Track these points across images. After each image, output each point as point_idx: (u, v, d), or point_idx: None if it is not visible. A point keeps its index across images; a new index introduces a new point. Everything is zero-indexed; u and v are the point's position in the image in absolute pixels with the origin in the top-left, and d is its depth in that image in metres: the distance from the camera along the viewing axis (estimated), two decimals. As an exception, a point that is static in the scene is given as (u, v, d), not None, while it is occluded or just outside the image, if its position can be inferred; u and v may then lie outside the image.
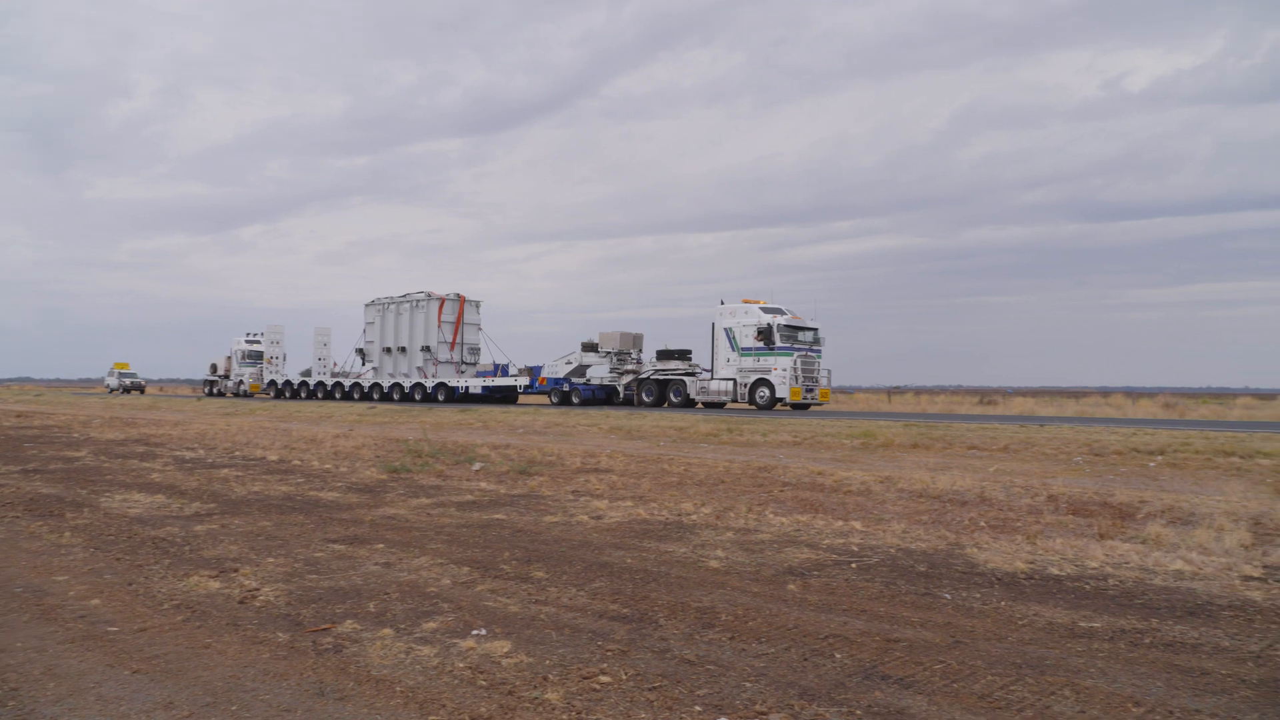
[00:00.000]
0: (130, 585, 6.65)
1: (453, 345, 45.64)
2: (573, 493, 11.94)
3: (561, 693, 4.36)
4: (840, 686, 4.48)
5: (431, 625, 5.54)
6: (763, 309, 34.25)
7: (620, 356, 40.02)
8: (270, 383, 53.74)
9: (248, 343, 57.96)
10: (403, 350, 46.17)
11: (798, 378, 32.69)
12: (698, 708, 4.19)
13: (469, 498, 11.53)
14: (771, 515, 9.92)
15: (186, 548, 8.06)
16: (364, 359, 48.59)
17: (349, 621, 5.62)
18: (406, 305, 46.40)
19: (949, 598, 6.40)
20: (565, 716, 4.09)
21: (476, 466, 14.84)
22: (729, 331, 34.81)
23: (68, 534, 8.71)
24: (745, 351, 34.11)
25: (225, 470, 14.77)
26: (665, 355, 37.75)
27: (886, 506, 10.54)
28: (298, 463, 16.15)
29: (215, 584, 6.64)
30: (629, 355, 40.44)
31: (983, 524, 9.40)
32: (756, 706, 4.20)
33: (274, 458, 17.03)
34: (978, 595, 6.48)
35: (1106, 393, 58.13)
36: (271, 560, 7.50)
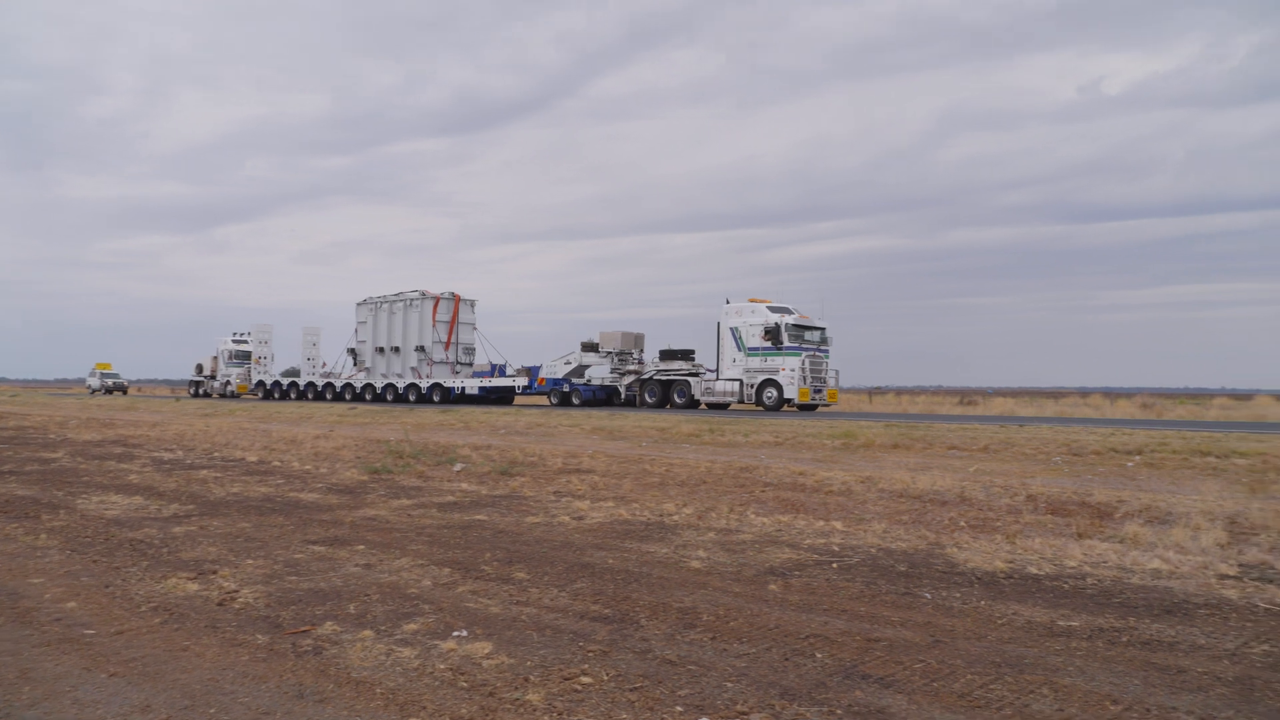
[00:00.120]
0: (107, 587, 6.59)
1: (447, 345, 44.95)
2: (554, 493, 11.92)
3: (543, 694, 4.36)
4: (821, 686, 4.50)
5: (412, 627, 5.52)
6: (770, 308, 33.61)
7: (621, 356, 39.43)
8: (259, 383, 52.92)
9: (234, 342, 57.17)
10: (396, 350, 45.53)
11: (806, 378, 32.22)
12: (679, 708, 4.19)
13: (450, 499, 11.49)
14: (753, 515, 9.94)
15: (164, 550, 7.99)
16: (356, 359, 47.79)
17: (329, 623, 5.59)
18: (400, 304, 45.69)
19: (929, 597, 6.43)
20: (546, 717, 4.08)
21: (458, 467, 14.80)
22: (735, 331, 34.16)
23: (44, 536, 8.62)
24: (752, 351, 33.53)
25: (204, 471, 14.66)
26: (668, 355, 37.11)
27: (867, 506, 10.58)
28: (277, 464, 16.05)
29: (193, 586, 6.59)
30: (630, 355, 39.78)
31: (963, 524, 9.45)
32: (738, 706, 4.21)
33: (253, 459, 16.92)
34: (958, 595, 6.52)
35: (1085, 393, 58.57)
36: (251, 562, 7.45)
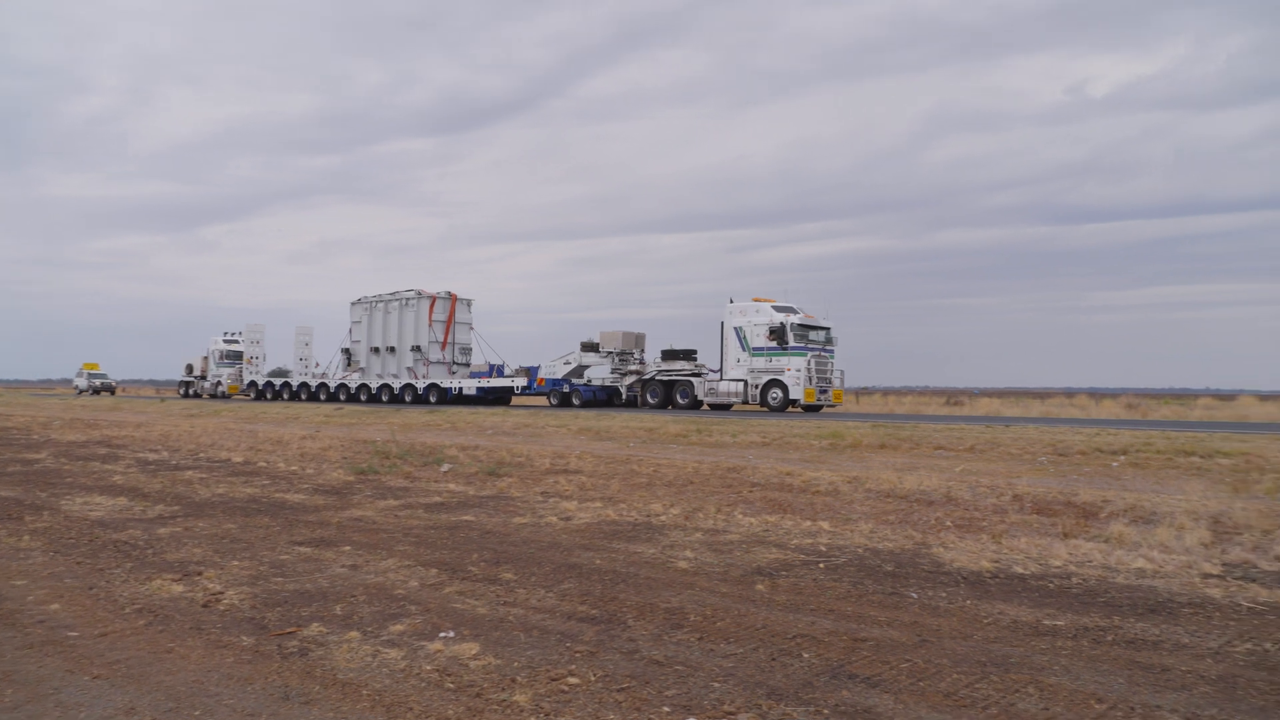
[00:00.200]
0: (91, 589, 6.54)
1: (444, 345, 44.20)
2: (542, 494, 11.91)
3: (530, 694, 4.35)
4: (808, 686, 4.50)
5: (399, 628, 5.51)
6: (774, 307, 33.05)
7: (622, 357, 38.63)
8: (251, 384, 52.04)
9: (225, 342, 56.36)
10: (391, 350, 44.82)
11: (811, 378, 31.70)
12: (666, 708, 4.19)
13: (437, 499, 11.47)
14: (740, 516, 9.95)
15: (149, 551, 7.94)
16: (350, 359, 47.07)
17: (315, 624, 5.57)
18: (395, 304, 44.97)
19: (915, 597, 6.45)
20: (533, 718, 4.08)
21: (445, 468, 14.77)
22: (739, 331, 33.51)
23: (26, 537, 8.56)
24: (757, 351, 32.93)
25: (189, 472, 14.58)
26: (670, 355, 36.55)
27: (854, 507, 10.60)
28: (263, 464, 15.98)
29: (178, 587, 6.56)
30: (631, 355, 38.94)
31: (949, 524, 9.48)
32: (725, 707, 4.21)
33: (239, 459, 16.83)
34: (944, 594, 6.54)
35: (1071, 393, 58.82)
36: (236, 563, 7.41)
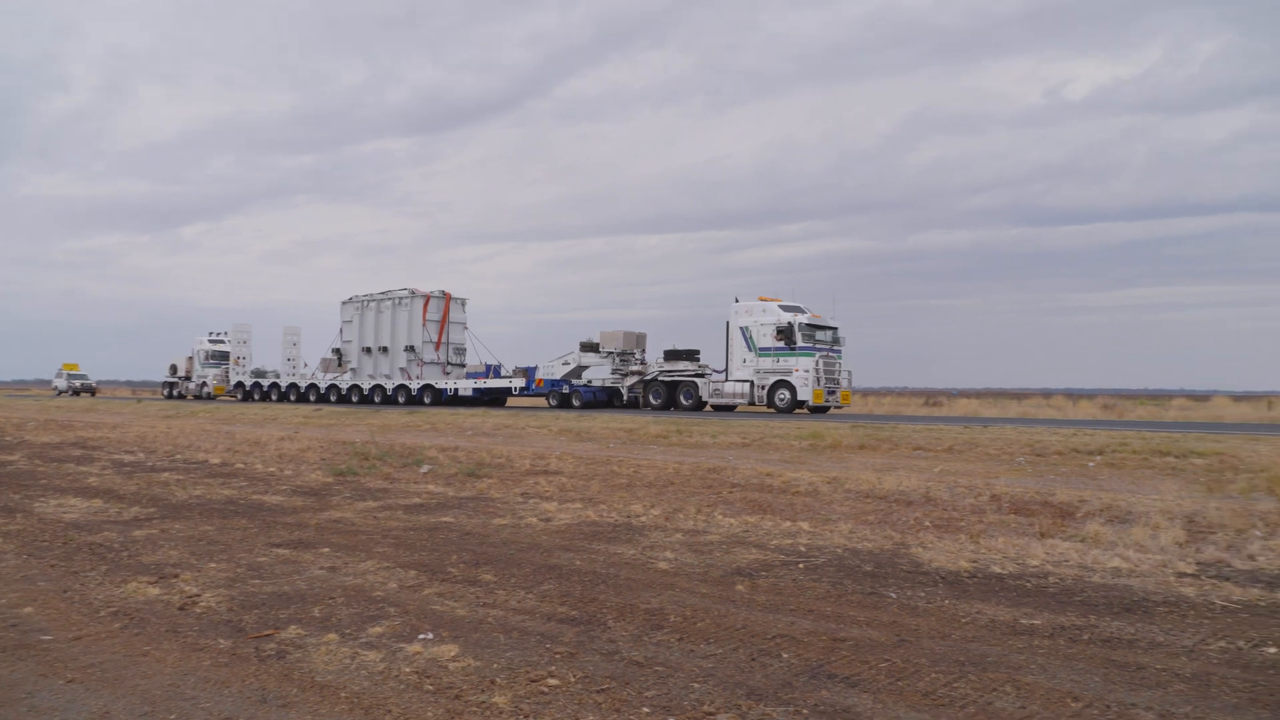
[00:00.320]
0: (65, 592, 6.48)
1: (438, 345, 43.59)
2: (522, 495, 11.89)
3: (509, 696, 4.34)
4: (787, 686, 4.52)
5: (378, 630, 5.48)
6: (781, 307, 32.69)
7: (623, 357, 37.99)
8: (238, 384, 51.04)
9: (211, 342, 55.42)
10: (384, 350, 44.22)
11: (819, 379, 31.29)
12: (646, 709, 4.19)
13: (416, 500, 11.42)
14: (720, 516, 9.97)
15: (125, 553, 7.87)
16: (341, 359, 46.41)
17: (293, 627, 5.53)
18: (388, 303, 44.32)
19: (894, 597, 6.48)
20: (513, 720, 4.07)
21: (424, 469, 14.71)
22: (745, 330, 32.99)
23: None
24: (763, 352, 32.40)
25: (166, 474, 14.46)
26: (673, 355, 36.02)
27: (834, 507, 10.64)
28: (241, 466, 15.86)
29: (154, 590, 6.50)
30: (632, 356, 38.26)
31: (928, 524, 9.53)
32: (704, 707, 4.22)
33: (216, 461, 16.71)
34: (922, 594, 6.57)
35: (1048, 394, 59.30)
36: (213, 565, 7.36)
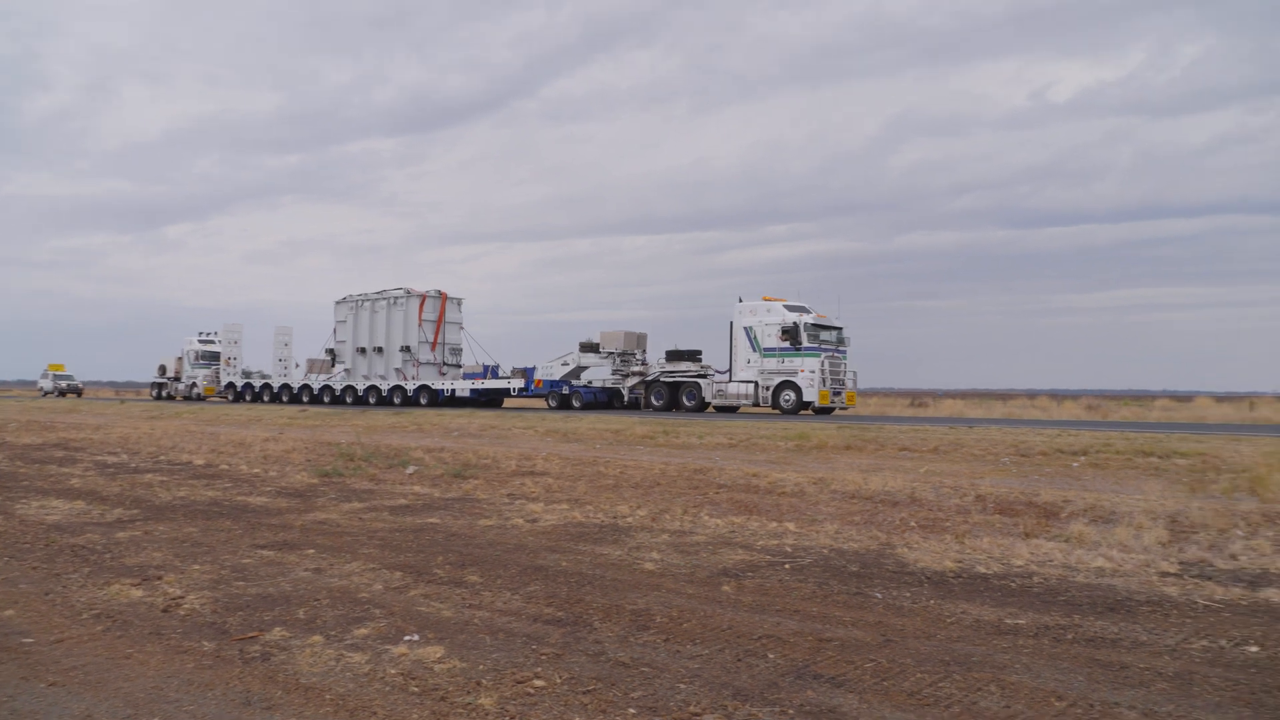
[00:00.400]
0: (47, 595, 6.43)
1: (434, 345, 42.96)
2: (508, 496, 11.86)
3: (495, 698, 4.33)
4: (773, 686, 4.52)
5: (363, 631, 5.46)
6: (787, 307, 32.23)
7: (624, 357, 37.46)
8: (229, 385, 50.26)
9: (201, 342, 54.64)
10: (379, 350, 43.56)
11: (825, 380, 30.82)
12: (632, 710, 4.19)
13: (402, 502, 11.39)
14: (707, 517, 9.98)
15: (107, 555, 7.82)
16: (335, 360, 45.69)
17: (277, 629, 5.51)
18: (383, 303, 43.66)
19: (880, 597, 6.50)
20: (499, 722, 4.06)
21: (410, 470, 14.67)
22: (749, 331, 32.46)
23: (-19, 542, 8.39)
24: (768, 352, 31.93)
25: (149, 475, 14.37)
26: (675, 356, 35.58)
27: (820, 507, 10.67)
28: (225, 467, 15.78)
29: (137, 592, 6.46)
30: (633, 356, 37.68)
31: (913, 524, 9.56)
32: (690, 708, 4.22)
33: (200, 462, 16.62)
34: (908, 594, 6.60)
35: (1033, 395, 59.58)
36: (197, 567, 7.32)
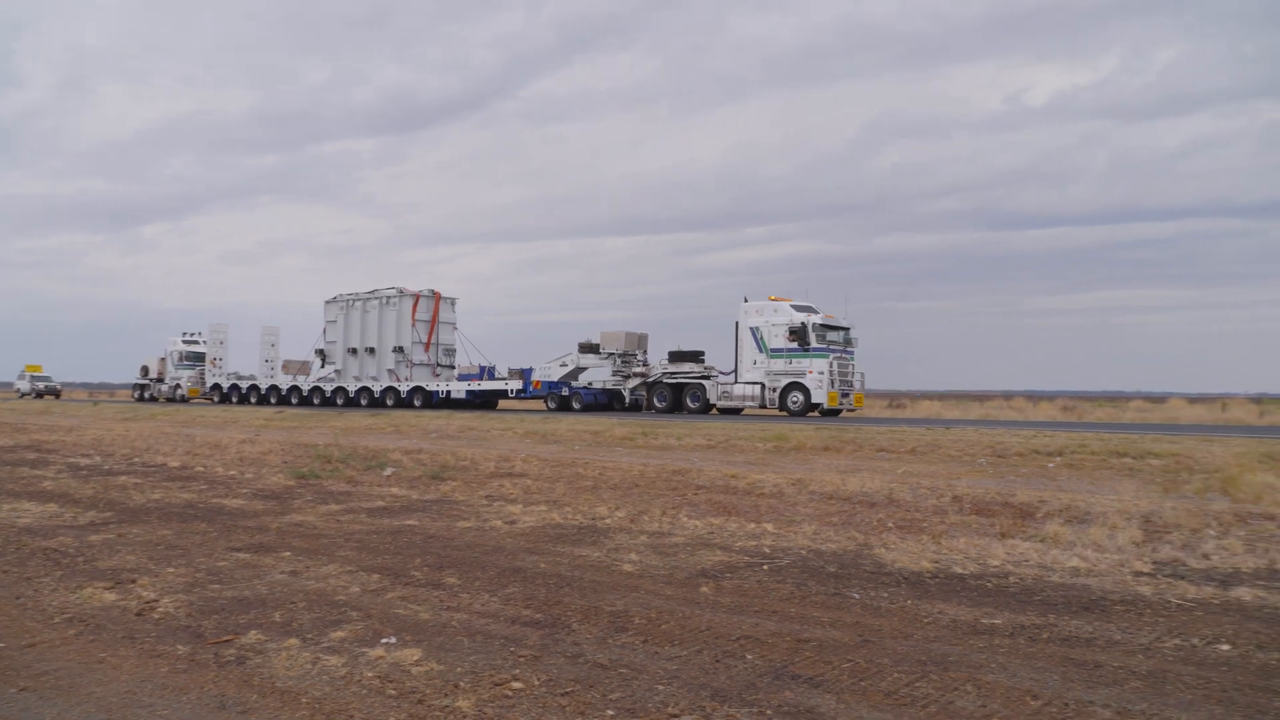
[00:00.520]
0: (18, 599, 6.35)
1: (427, 346, 42.22)
2: (486, 497, 11.83)
3: (473, 700, 4.32)
4: (751, 687, 4.53)
5: (340, 634, 5.43)
6: (794, 306, 31.61)
7: (624, 358, 36.82)
8: (214, 386, 49.14)
9: (185, 343, 53.67)
10: (370, 351, 42.83)
11: (834, 381, 30.29)
12: (610, 712, 4.19)
13: (380, 504, 11.33)
14: (685, 518, 9.98)
15: (80, 558, 7.74)
16: (325, 361, 44.80)
17: (253, 632, 5.47)
18: (375, 302, 42.95)
19: (858, 597, 6.53)
20: (476, 724, 4.04)
21: (388, 472, 14.60)
22: (755, 331, 31.90)
23: (-50, 546, 8.28)
24: (775, 353, 31.36)
25: (123, 477, 14.23)
26: (678, 357, 34.95)
27: (798, 508, 10.70)
28: (201, 469, 15.65)
29: (111, 596, 6.39)
30: (634, 357, 37.04)
31: (891, 525, 9.61)
32: (669, 709, 4.22)
33: (175, 464, 16.47)
34: (885, 595, 6.63)
35: (1010, 396, 59.88)
36: (172, 570, 7.25)
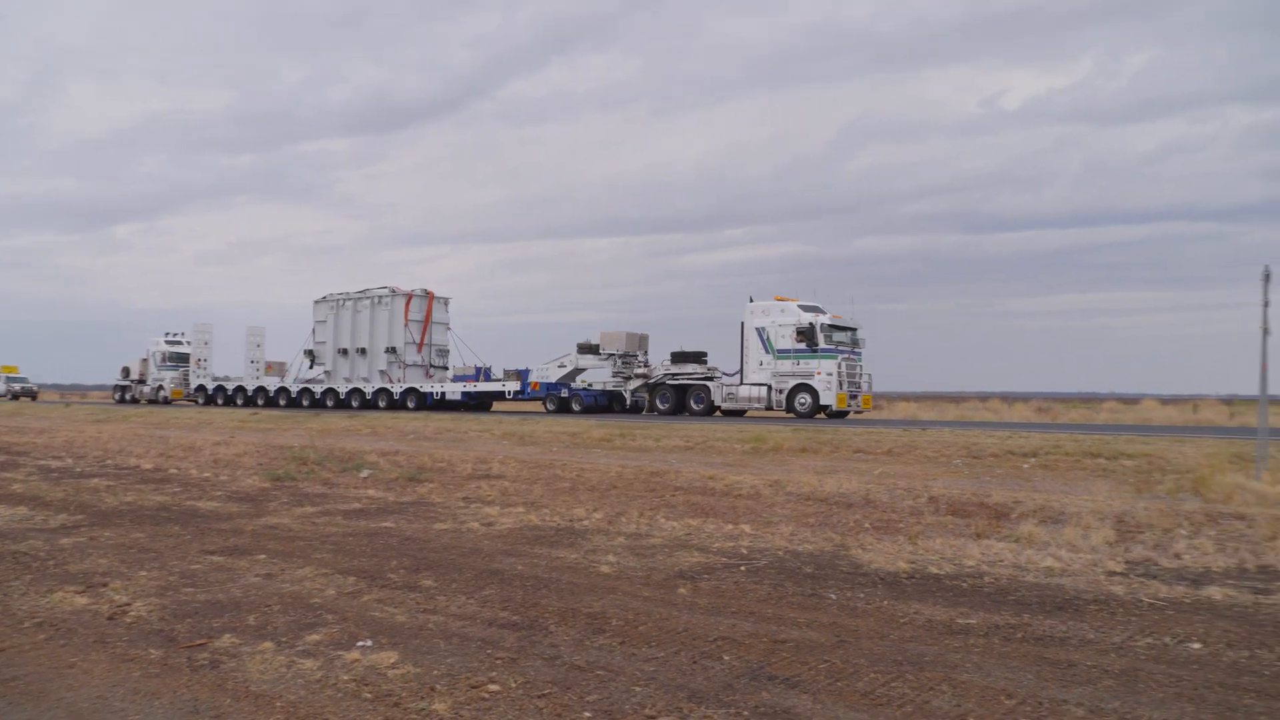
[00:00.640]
0: (-13, 603, 6.27)
1: (420, 346, 41.55)
2: (464, 499, 11.79)
3: (449, 703, 4.30)
4: (728, 688, 4.54)
5: (315, 637, 5.39)
6: (800, 306, 31.10)
7: (625, 359, 36.30)
8: (199, 388, 48.22)
9: (168, 343, 52.58)
10: (362, 352, 42.15)
11: (842, 382, 29.81)
12: (587, 714, 4.18)
13: (356, 506, 11.27)
14: (663, 520, 9.99)
15: (51, 562, 7.64)
16: (314, 361, 44.11)
17: (227, 636, 5.42)
18: (366, 302, 42.27)
19: (834, 598, 6.56)
20: (453, 727, 4.03)
21: (364, 474, 14.52)
22: (761, 331, 31.27)
23: (-83, 549, 8.16)
24: (782, 354, 30.77)
25: (95, 480, 14.07)
26: (680, 358, 34.32)
27: (775, 510, 10.73)
28: (174, 471, 15.51)
29: (82, 600, 6.32)
30: (635, 358, 36.51)
31: (867, 525, 9.66)
32: (646, 710, 4.22)
33: (149, 466, 16.31)
34: (862, 595, 6.66)
35: (985, 398, 60.25)
36: (144, 573, 7.18)
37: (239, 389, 46.36)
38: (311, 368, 44.51)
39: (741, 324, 32.04)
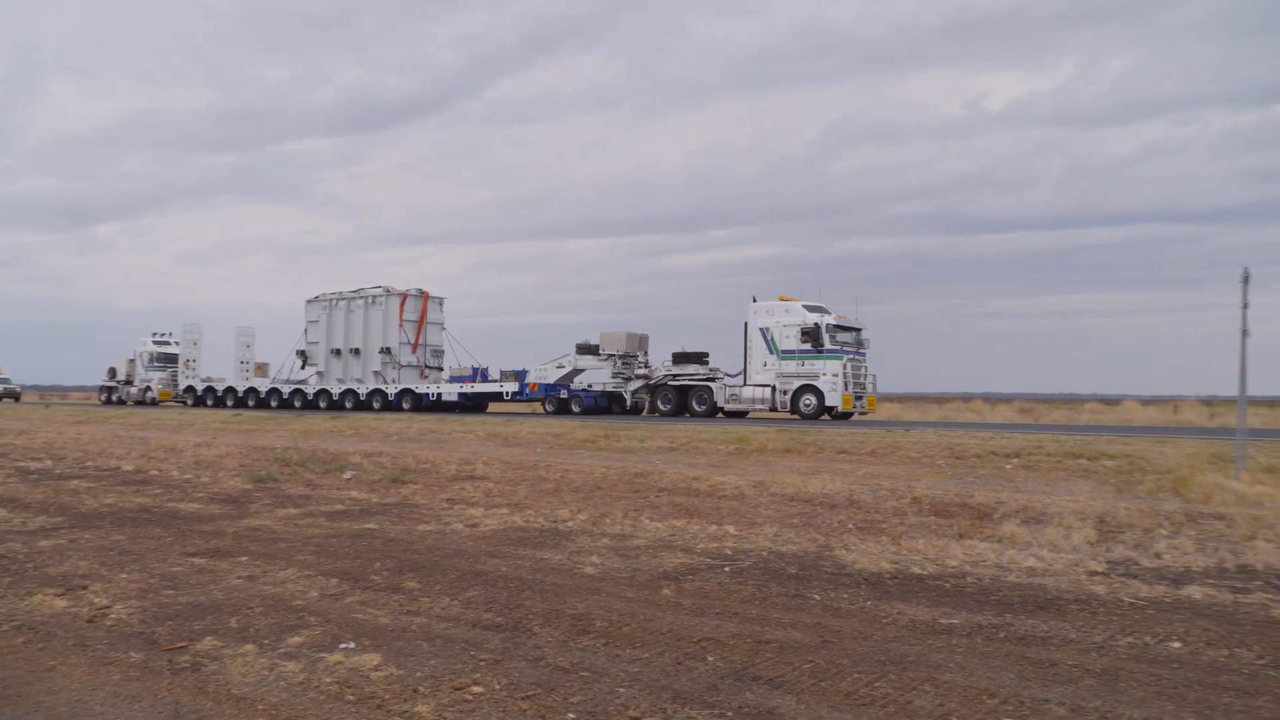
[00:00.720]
0: (-35, 606, 6.20)
1: (415, 347, 40.99)
2: (447, 501, 11.75)
3: (433, 705, 4.28)
4: (712, 689, 4.54)
5: (297, 640, 5.36)
6: (805, 306, 30.71)
7: (625, 360, 35.72)
8: (188, 389, 47.51)
9: (156, 344, 51.81)
10: (356, 352, 41.54)
11: (848, 383, 29.52)
12: (571, 715, 4.18)
13: (339, 507, 11.22)
14: (647, 521, 9.99)
15: (29, 565, 7.57)
16: (306, 362, 43.52)
17: (209, 638, 5.39)
18: (360, 302, 41.64)
19: (818, 598, 6.57)
20: (436, 729, 4.01)
21: (347, 475, 14.46)
22: (765, 332, 30.90)
23: (-106, 552, 8.07)
24: (786, 354, 30.42)
25: (75, 482, 13.96)
26: (682, 358, 33.90)
27: (759, 510, 10.74)
28: (156, 473, 15.40)
29: (61, 602, 6.27)
30: (635, 358, 35.91)
31: (851, 526, 9.69)
32: (630, 712, 4.22)
33: (130, 468, 16.19)
34: (845, 595, 6.68)
35: (968, 398, 60.55)
36: (125, 576, 7.12)
37: (229, 390, 45.57)
38: (304, 368, 43.84)
39: (745, 324, 31.68)
